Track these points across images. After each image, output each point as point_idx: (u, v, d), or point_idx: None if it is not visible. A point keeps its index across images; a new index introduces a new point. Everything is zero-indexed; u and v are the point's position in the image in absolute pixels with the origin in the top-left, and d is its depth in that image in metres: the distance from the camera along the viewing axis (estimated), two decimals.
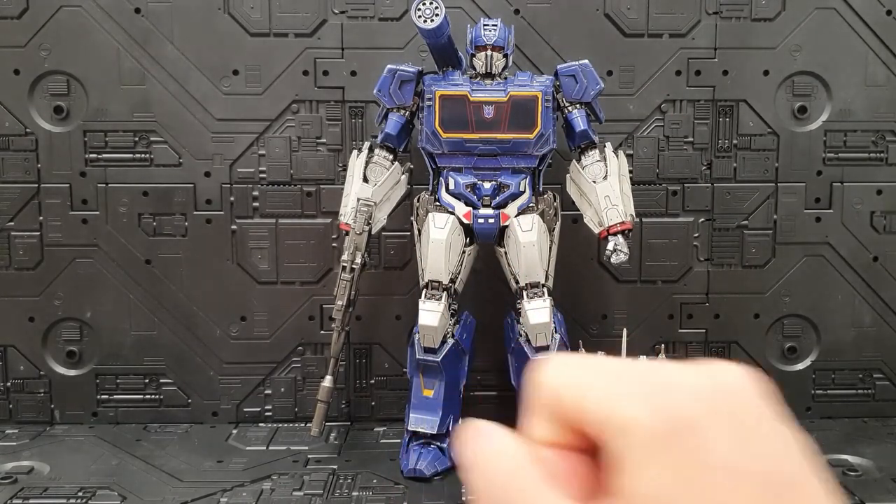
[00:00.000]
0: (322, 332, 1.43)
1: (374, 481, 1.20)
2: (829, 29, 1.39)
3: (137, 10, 1.36)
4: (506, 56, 1.19)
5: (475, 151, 1.20)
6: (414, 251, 1.27)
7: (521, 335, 1.23)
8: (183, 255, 1.41)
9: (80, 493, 1.15)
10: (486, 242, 1.24)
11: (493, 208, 1.21)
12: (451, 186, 1.21)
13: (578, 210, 1.26)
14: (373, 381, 1.45)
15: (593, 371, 0.30)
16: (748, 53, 1.39)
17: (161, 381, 1.44)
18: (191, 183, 1.40)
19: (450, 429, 1.24)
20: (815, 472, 0.28)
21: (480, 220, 1.21)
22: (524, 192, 1.22)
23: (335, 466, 1.25)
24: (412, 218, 1.27)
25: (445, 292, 1.21)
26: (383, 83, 1.23)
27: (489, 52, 1.18)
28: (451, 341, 1.23)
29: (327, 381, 1.22)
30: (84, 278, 1.41)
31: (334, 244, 1.40)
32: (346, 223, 1.23)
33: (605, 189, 1.21)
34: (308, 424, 1.29)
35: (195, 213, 1.40)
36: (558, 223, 1.24)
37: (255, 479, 1.20)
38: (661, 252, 1.43)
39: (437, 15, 1.09)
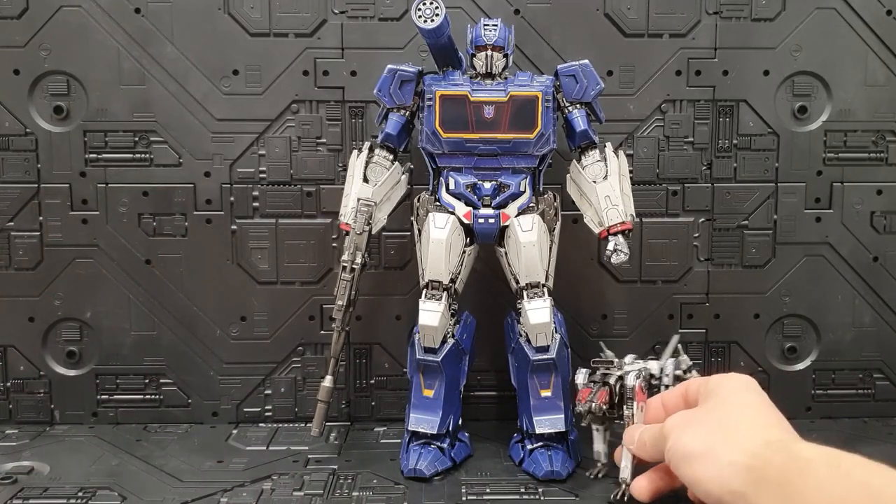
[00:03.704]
0: (322, 332, 1.43)
1: (375, 481, 1.20)
2: (830, 29, 1.39)
3: (137, 10, 1.36)
4: (506, 56, 1.19)
5: (475, 151, 1.20)
6: (414, 251, 1.27)
7: (521, 335, 1.23)
8: (183, 255, 1.41)
9: (80, 494, 1.14)
10: (486, 242, 1.24)
11: (494, 208, 1.21)
12: (452, 186, 1.21)
13: (578, 210, 1.26)
14: (373, 381, 1.45)
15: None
16: (748, 53, 1.39)
17: (161, 381, 1.44)
18: (191, 183, 1.40)
19: (449, 429, 1.24)
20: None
21: (480, 220, 1.21)
22: (524, 192, 1.22)
23: (335, 466, 1.25)
24: (412, 218, 1.27)
25: (446, 292, 1.21)
26: (383, 83, 1.23)
27: (489, 52, 1.18)
28: (451, 341, 1.23)
29: (327, 381, 1.22)
30: (84, 278, 1.41)
31: (334, 244, 1.40)
32: (347, 223, 1.23)
33: (606, 189, 1.21)
34: (308, 424, 1.30)
35: (195, 213, 1.40)
36: (558, 223, 1.24)
37: (255, 480, 1.20)
38: (662, 252, 1.43)
39: (437, 15, 1.09)
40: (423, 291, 1.21)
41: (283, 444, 1.34)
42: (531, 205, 1.22)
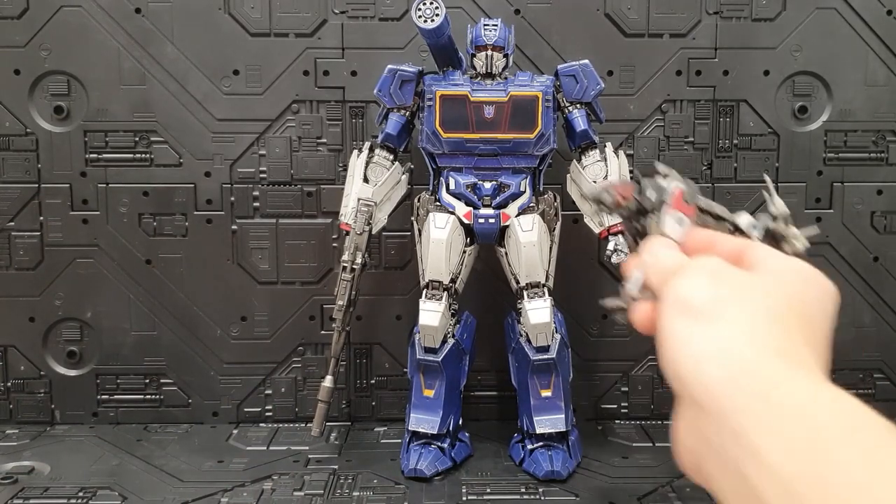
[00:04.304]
0: (322, 332, 1.43)
1: (375, 481, 1.20)
2: (830, 29, 1.39)
3: (138, 10, 1.36)
4: (506, 56, 1.19)
5: (476, 151, 1.20)
6: (414, 251, 1.27)
7: (521, 335, 1.23)
8: (183, 255, 1.41)
9: (80, 494, 1.15)
10: (486, 242, 1.24)
11: (494, 208, 1.21)
12: (452, 186, 1.21)
13: (579, 210, 1.26)
14: (373, 381, 1.45)
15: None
16: (749, 53, 1.39)
17: (161, 381, 1.44)
18: (191, 183, 1.40)
19: (450, 429, 1.24)
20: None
21: (481, 220, 1.21)
22: (524, 191, 1.22)
23: (336, 466, 1.25)
24: (412, 218, 1.27)
25: (446, 292, 1.21)
26: (384, 83, 1.23)
27: (489, 52, 1.18)
28: (451, 341, 1.23)
29: (328, 381, 1.22)
30: (84, 278, 1.41)
31: (335, 244, 1.40)
32: (347, 223, 1.23)
33: None
34: (308, 424, 1.30)
35: (195, 213, 1.40)
36: (559, 223, 1.24)
37: (255, 480, 1.20)
38: None
39: (437, 15, 1.09)
40: (424, 291, 1.21)
41: (284, 444, 1.34)
42: (531, 205, 1.22)
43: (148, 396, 1.44)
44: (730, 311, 0.52)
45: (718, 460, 0.44)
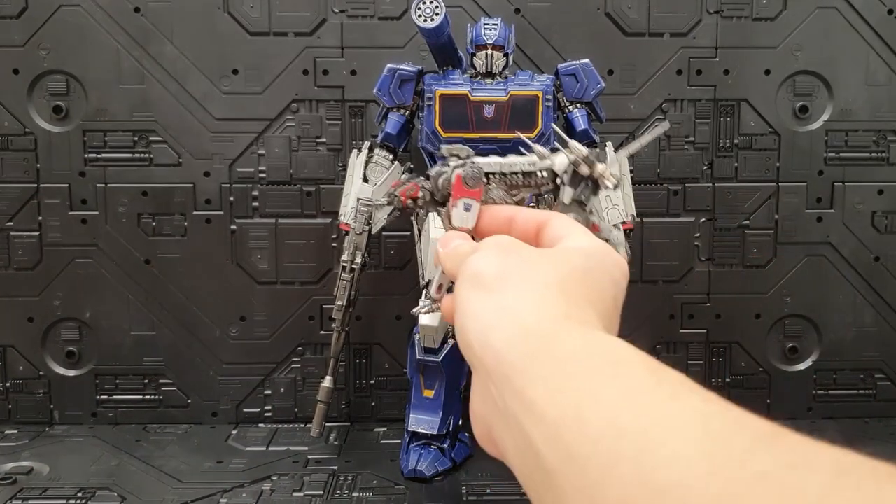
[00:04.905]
0: (322, 332, 1.42)
1: (375, 482, 1.19)
2: (831, 28, 1.39)
3: (137, 10, 1.36)
4: (506, 55, 1.19)
5: (476, 151, 1.19)
6: (414, 251, 1.27)
7: None
8: (182, 255, 1.41)
9: (79, 494, 1.14)
10: None
11: None
12: None
13: None
14: (373, 382, 1.45)
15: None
16: (749, 53, 1.39)
17: (160, 381, 1.44)
18: (190, 183, 1.39)
19: (450, 429, 1.24)
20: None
21: None
22: None
23: (335, 467, 1.25)
24: (412, 218, 1.27)
25: (447, 293, 1.20)
26: (383, 82, 1.23)
27: (489, 52, 1.18)
28: (451, 342, 1.23)
29: (327, 382, 1.22)
30: (83, 278, 1.41)
31: (334, 244, 1.40)
32: (346, 223, 1.23)
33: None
34: (308, 425, 1.29)
35: (195, 212, 1.40)
36: None
37: (254, 480, 1.19)
38: (662, 252, 1.42)
39: (437, 14, 1.09)
40: (424, 291, 1.21)
41: (283, 445, 1.34)
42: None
43: (147, 397, 1.44)
44: (515, 281, 0.53)
45: (504, 422, 0.45)
